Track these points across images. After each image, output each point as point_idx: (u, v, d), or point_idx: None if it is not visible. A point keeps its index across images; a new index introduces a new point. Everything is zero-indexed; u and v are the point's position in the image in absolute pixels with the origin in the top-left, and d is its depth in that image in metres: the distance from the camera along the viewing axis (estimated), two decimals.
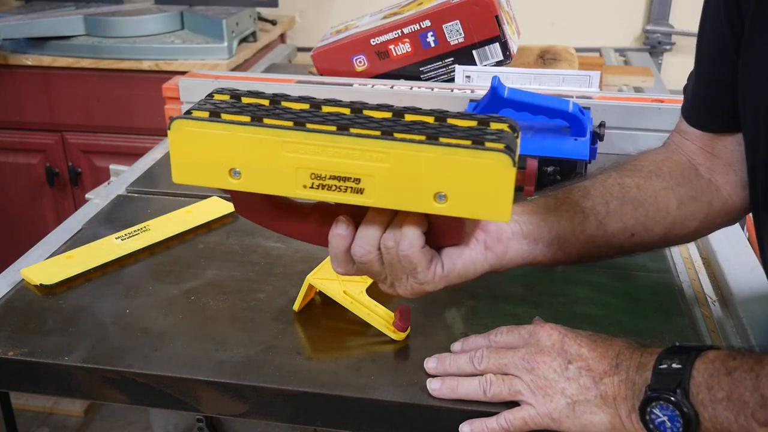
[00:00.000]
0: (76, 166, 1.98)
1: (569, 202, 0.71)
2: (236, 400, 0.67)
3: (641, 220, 0.72)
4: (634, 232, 0.72)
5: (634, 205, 0.72)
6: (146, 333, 0.72)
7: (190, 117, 0.58)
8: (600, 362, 0.61)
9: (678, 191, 0.74)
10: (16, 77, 1.91)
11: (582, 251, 0.71)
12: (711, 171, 0.75)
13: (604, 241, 0.72)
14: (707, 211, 0.75)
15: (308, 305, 0.77)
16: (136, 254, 0.86)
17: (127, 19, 1.90)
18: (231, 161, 0.58)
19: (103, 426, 2.00)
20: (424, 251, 0.60)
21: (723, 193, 0.75)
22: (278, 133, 0.56)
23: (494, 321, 0.72)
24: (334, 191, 0.57)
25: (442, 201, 0.56)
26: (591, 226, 0.70)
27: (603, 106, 1.14)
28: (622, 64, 1.89)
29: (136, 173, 1.10)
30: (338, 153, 0.56)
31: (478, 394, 0.63)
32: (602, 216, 0.71)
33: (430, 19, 1.30)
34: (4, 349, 0.69)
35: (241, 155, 0.57)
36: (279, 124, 0.56)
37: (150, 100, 1.80)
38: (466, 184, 0.56)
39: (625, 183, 0.73)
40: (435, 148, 0.55)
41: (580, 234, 0.70)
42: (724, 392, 0.54)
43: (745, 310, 0.78)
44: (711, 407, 0.55)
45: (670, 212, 0.73)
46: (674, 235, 0.74)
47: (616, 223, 0.71)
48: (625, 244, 0.73)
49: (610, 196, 0.72)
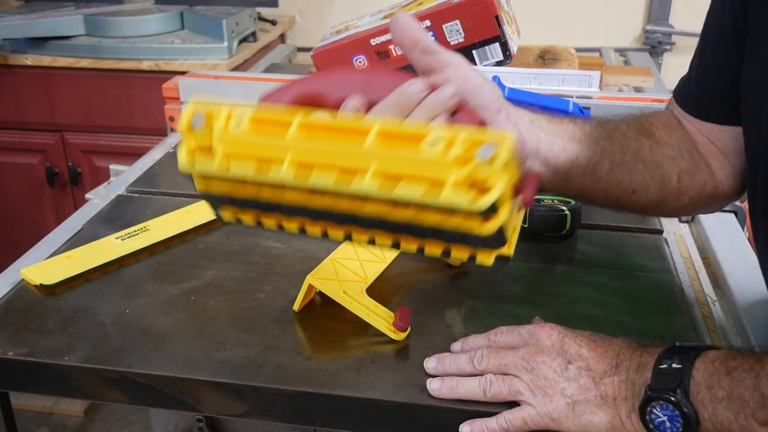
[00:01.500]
0: (76, 166, 1.98)
1: (594, 139, 0.71)
2: (236, 400, 0.67)
3: (646, 180, 0.73)
4: (636, 189, 0.73)
5: (644, 165, 0.72)
6: (146, 333, 0.72)
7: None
8: (600, 362, 0.61)
9: (681, 164, 0.74)
10: (16, 77, 1.91)
11: (583, 190, 0.72)
12: (708, 154, 0.76)
13: (605, 188, 0.72)
14: (700, 190, 0.75)
15: (308, 305, 0.76)
16: (136, 254, 0.86)
17: (127, 19, 1.90)
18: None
19: (103, 426, 2.00)
20: None
21: (716, 177, 0.76)
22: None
23: (494, 321, 0.72)
24: None
25: None
26: (603, 169, 0.71)
27: (603, 106, 1.14)
28: (622, 64, 1.89)
29: (136, 173, 1.10)
30: None
31: (477, 394, 0.63)
32: (617, 164, 0.71)
33: (430, 19, 1.30)
34: (4, 349, 0.69)
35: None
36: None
37: (150, 100, 1.80)
38: None
39: (641, 141, 0.74)
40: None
41: (590, 173, 0.70)
42: (724, 392, 0.54)
43: (745, 310, 0.78)
44: (711, 407, 0.55)
45: (671, 182, 0.74)
46: (665, 205, 0.75)
47: (625, 176, 0.72)
48: (622, 198, 0.73)
49: (627, 148, 0.73)
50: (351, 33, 1.39)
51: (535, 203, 0.90)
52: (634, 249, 0.89)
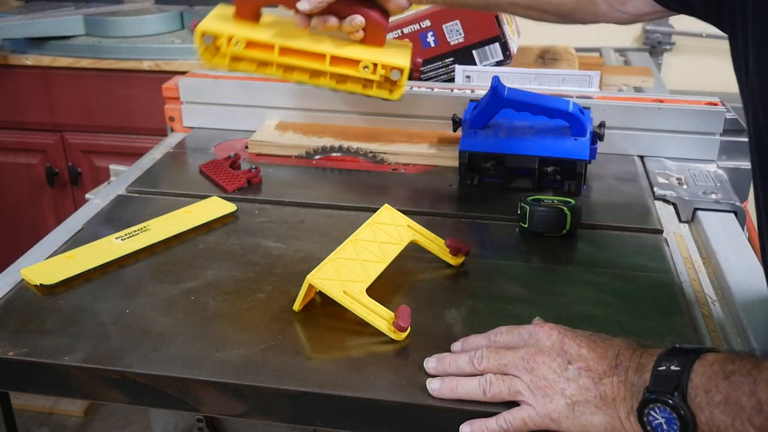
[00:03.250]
0: (76, 166, 1.98)
1: None
2: (236, 400, 0.67)
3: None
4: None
5: None
6: (146, 333, 0.72)
7: None
8: (600, 362, 0.61)
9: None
10: (16, 77, 1.91)
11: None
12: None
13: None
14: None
15: (308, 305, 0.77)
16: (136, 254, 0.86)
17: (127, 19, 1.90)
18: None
19: (103, 426, 2.00)
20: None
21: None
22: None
23: (494, 321, 0.72)
24: None
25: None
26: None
27: (603, 106, 1.15)
28: (622, 64, 1.89)
29: (136, 173, 1.10)
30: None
31: (477, 394, 0.63)
32: None
33: (430, 19, 1.30)
34: (4, 349, 0.69)
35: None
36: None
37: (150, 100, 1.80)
38: None
39: None
40: None
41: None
42: (722, 396, 0.54)
43: (745, 310, 0.78)
44: (708, 410, 0.55)
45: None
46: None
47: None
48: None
49: None
50: None
51: (535, 203, 0.91)
52: (634, 249, 0.89)
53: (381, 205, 0.87)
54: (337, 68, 0.93)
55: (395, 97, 0.95)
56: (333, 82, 0.95)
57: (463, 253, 0.84)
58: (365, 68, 0.91)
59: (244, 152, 1.17)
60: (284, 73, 0.94)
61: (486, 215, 0.97)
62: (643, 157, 1.16)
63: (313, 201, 1.01)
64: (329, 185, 1.07)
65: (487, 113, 1.06)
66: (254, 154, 1.16)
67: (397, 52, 0.94)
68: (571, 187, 1.02)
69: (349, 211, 0.98)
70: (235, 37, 0.91)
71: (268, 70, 0.95)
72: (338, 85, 0.95)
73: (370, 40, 0.93)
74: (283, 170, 1.11)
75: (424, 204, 1.02)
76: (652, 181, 1.08)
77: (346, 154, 1.14)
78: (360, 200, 1.01)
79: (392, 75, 0.92)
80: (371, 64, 0.91)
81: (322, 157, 1.14)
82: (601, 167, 1.11)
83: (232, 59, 0.94)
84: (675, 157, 1.15)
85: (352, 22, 0.90)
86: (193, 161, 1.14)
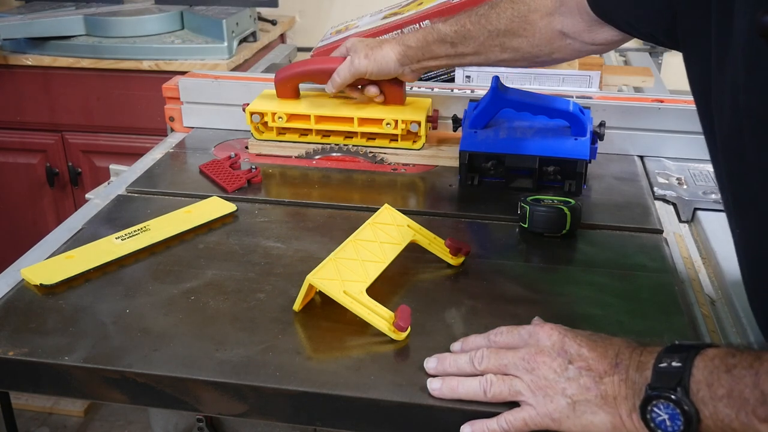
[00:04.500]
0: (76, 166, 1.98)
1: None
2: (236, 400, 0.67)
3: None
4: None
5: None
6: (146, 333, 0.72)
7: None
8: (600, 362, 0.61)
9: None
10: (16, 77, 1.91)
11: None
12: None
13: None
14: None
15: (308, 305, 0.77)
16: (136, 254, 0.86)
17: (127, 19, 1.90)
18: None
19: (103, 426, 2.00)
20: None
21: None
22: None
23: (494, 321, 0.72)
24: None
25: None
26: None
27: (603, 106, 1.15)
28: (622, 64, 1.89)
29: (136, 173, 1.10)
30: None
31: (478, 394, 0.63)
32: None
33: (430, 19, 1.30)
34: (4, 349, 0.69)
35: None
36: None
37: (150, 100, 1.80)
38: None
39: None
40: None
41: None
42: (725, 389, 0.54)
43: (745, 310, 0.78)
44: (711, 405, 0.55)
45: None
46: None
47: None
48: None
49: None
50: (351, 33, 1.39)
51: (535, 203, 0.91)
52: (634, 249, 0.89)
53: (381, 205, 0.87)
54: (365, 128, 1.12)
55: (417, 146, 1.13)
56: (364, 140, 1.14)
57: (463, 253, 0.84)
58: (387, 124, 1.10)
59: (244, 152, 1.17)
60: (323, 138, 1.14)
61: (486, 215, 0.97)
62: (643, 157, 1.16)
63: (313, 201, 1.01)
64: (329, 185, 1.07)
65: (487, 113, 1.06)
66: (254, 154, 1.16)
67: (415, 108, 1.12)
68: (572, 187, 1.02)
69: (349, 211, 0.98)
70: (278, 112, 1.11)
71: (309, 137, 1.15)
72: (369, 143, 1.14)
73: (391, 101, 1.12)
74: (283, 170, 1.11)
75: (424, 204, 1.02)
76: (652, 181, 1.08)
77: (346, 154, 1.14)
78: (360, 200, 1.01)
79: (411, 128, 1.10)
80: (392, 120, 1.10)
81: (322, 157, 1.14)
82: (601, 167, 1.11)
83: (278, 131, 1.15)
84: (675, 157, 1.15)
85: (367, 92, 1.11)
86: (193, 161, 1.14)
